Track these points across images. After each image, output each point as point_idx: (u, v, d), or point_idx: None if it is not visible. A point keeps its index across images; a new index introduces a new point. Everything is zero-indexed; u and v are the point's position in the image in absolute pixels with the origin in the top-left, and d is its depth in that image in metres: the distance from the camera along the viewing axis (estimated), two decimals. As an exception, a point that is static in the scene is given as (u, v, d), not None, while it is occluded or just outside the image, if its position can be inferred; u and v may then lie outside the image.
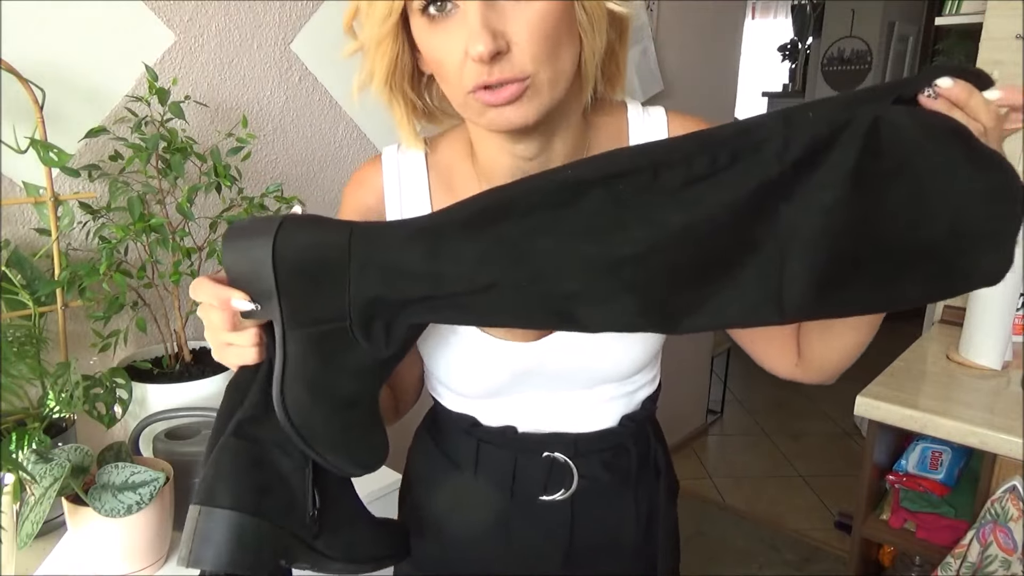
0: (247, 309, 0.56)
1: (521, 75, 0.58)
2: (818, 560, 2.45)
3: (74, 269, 1.05)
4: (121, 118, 1.17)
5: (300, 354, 0.57)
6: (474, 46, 0.56)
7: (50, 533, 1.02)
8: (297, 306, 0.56)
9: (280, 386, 0.57)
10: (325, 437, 0.59)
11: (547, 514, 0.78)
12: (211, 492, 0.57)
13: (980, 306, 1.54)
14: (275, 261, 0.55)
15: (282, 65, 1.41)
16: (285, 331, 0.56)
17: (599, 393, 0.76)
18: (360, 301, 0.56)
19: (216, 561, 0.56)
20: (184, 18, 1.25)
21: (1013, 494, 1.31)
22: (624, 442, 0.79)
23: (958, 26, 2.03)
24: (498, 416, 0.77)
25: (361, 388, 0.61)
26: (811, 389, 3.88)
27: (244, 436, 0.59)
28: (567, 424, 0.77)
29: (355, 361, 0.59)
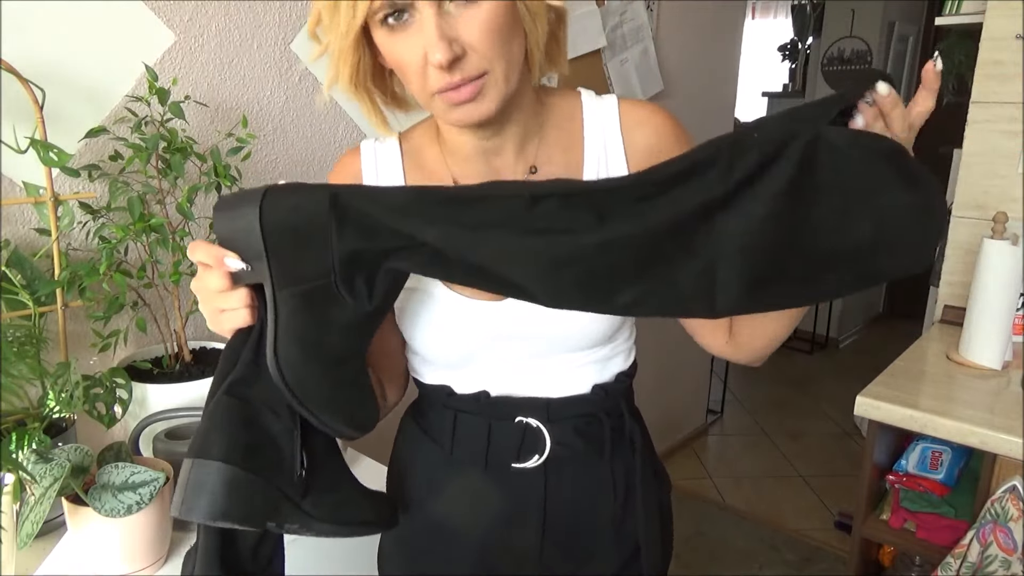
0: (238, 268, 0.59)
1: (478, 73, 0.64)
2: (818, 560, 2.45)
3: (74, 269, 1.05)
4: (121, 118, 1.17)
5: (290, 312, 0.60)
6: (433, 55, 0.62)
7: (50, 533, 1.02)
8: (285, 266, 0.60)
9: (273, 344, 0.60)
10: (317, 395, 0.62)
11: (521, 482, 0.80)
12: (205, 445, 0.59)
13: (980, 306, 1.54)
14: (262, 224, 0.59)
15: (282, 65, 1.41)
16: (275, 290, 0.60)
17: (569, 359, 0.79)
18: (342, 257, 0.60)
19: (209, 510, 0.58)
20: (184, 18, 1.25)
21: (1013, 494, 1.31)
22: (596, 411, 0.81)
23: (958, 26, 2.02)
24: (471, 383, 0.80)
25: (349, 345, 0.64)
26: (811, 389, 3.88)
27: (236, 395, 0.61)
28: (539, 388, 0.79)
29: (342, 316, 0.62)
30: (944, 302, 1.91)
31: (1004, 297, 1.51)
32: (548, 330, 0.76)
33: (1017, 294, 1.52)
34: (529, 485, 0.80)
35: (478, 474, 0.81)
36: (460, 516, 0.83)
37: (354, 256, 0.60)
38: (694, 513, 2.68)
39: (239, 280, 0.61)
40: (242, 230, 0.59)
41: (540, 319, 0.75)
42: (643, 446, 0.86)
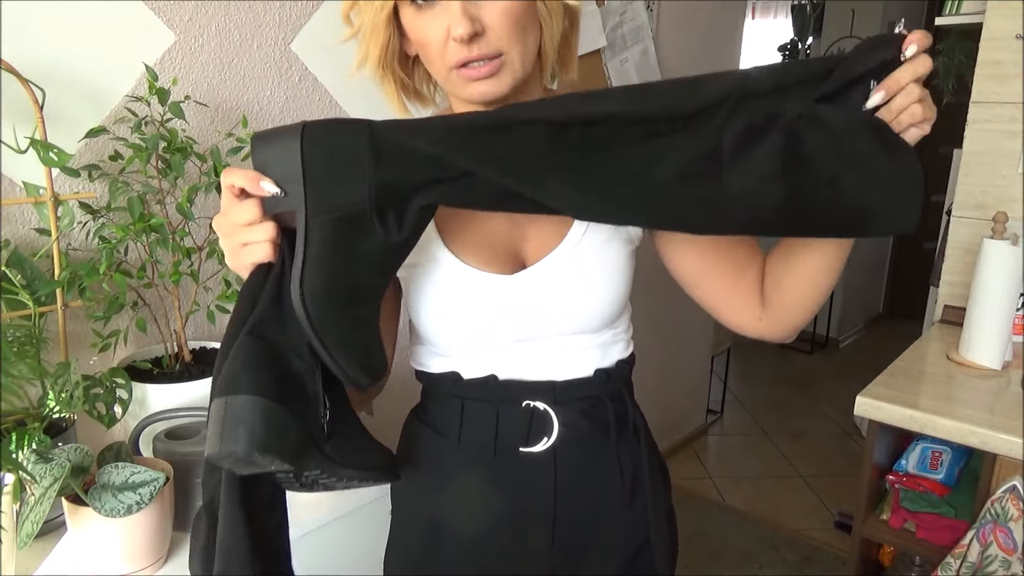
0: (273, 191, 0.61)
1: (495, 52, 0.70)
2: (818, 560, 2.45)
3: (74, 269, 1.05)
4: (121, 118, 1.17)
5: (320, 240, 0.61)
6: (456, 28, 0.68)
7: (50, 533, 1.02)
8: (320, 192, 0.61)
9: (300, 274, 0.61)
10: (336, 333, 0.63)
11: (531, 468, 0.81)
12: (235, 382, 0.58)
13: (980, 306, 1.54)
14: (303, 151, 0.60)
15: (282, 65, 1.41)
16: (308, 217, 0.61)
17: (573, 342, 0.82)
18: (377, 185, 0.62)
19: (248, 442, 0.56)
20: (184, 18, 1.25)
21: (1013, 494, 1.31)
22: (599, 394, 0.83)
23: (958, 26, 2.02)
24: (478, 367, 0.81)
25: (372, 280, 0.66)
26: (811, 389, 3.88)
27: (258, 336, 0.61)
28: (544, 372, 0.81)
29: (370, 247, 0.64)
30: (944, 302, 1.91)
31: (1004, 297, 1.51)
32: (554, 307, 0.79)
33: (1017, 294, 1.52)
34: (539, 470, 0.81)
35: (487, 461, 0.82)
36: (471, 506, 0.83)
37: (388, 186, 0.62)
38: (694, 513, 2.68)
39: (269, 210, 0.62)
40: (280, 157, 0.61)
41: (547, 295, 0.78)
42: (646, 436, 0.88)
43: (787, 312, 0.79)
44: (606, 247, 0.80)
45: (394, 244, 0.65)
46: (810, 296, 0.77)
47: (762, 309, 0.81)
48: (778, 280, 0.78)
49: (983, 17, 1.77)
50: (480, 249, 0.79)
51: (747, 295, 0.81)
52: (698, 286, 0.84)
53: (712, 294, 0.83)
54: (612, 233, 0.81)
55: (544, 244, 0.80)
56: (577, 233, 0.79)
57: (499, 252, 0.79)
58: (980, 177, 1.82)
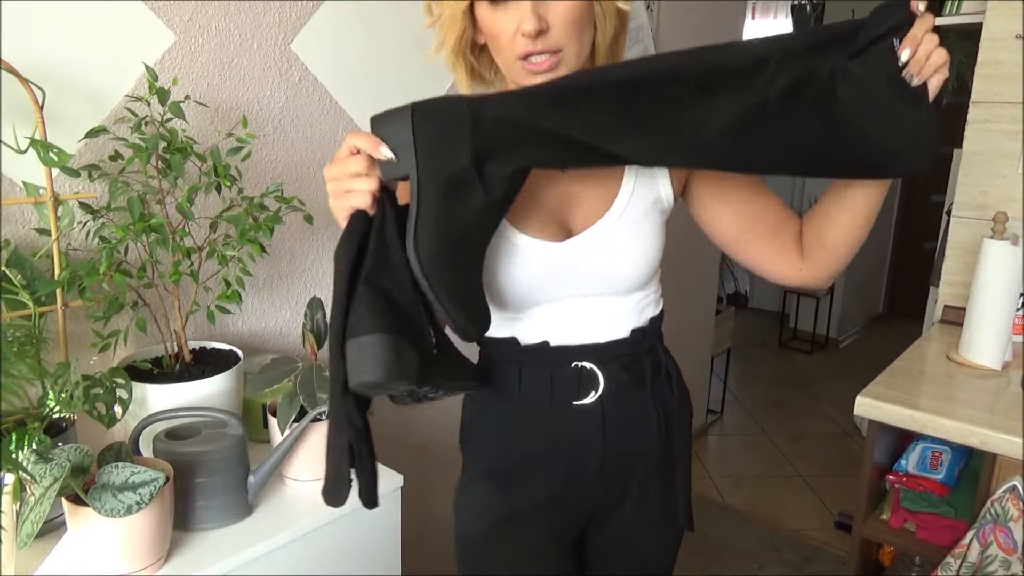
0: (389, 156, 0.72)
1: (556, 47, 0.82)
2: (818, 560, 2.45)
3: (74, 269, 1.05)
4: (121, 118, 1.17)
5: (430, 196, 0.72)
6: (525, 24, 0.80)
7: (50, 533, 1.01)
8: (429, 158, 0.72)
9: (416, 225, 0.72)
10: (446, 281, 0.74)
11: (583, 417, 0.95)
12: (362, 324, 0.70)
13: (980, 306, 1.54)
14: (413, 123, 0.72)
15: (282, 65, 1.41)
16: (420, 178, 0.72)
17: (613, 304, 0.94)
18: (477, 150, 0.73)
19: (384, 372, 0.69)
20: (184, 18, 1.25)
21: (1013, 494, 1.31)
22: (636, 351, 0.97)
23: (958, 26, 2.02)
24: (534, 332, 0.94)
25: (475, 232, 0.77)
26: (811, 389, 3.88)
27: (372, 285, 0.72)
28: (589, 335, 0.94)
29: (472, 205, 0.75)
30: (944, 302, 1.91)
31: (1004, 297, 1.51)
32: (598, 269, 0.91)
33: (1017, 294, 1.52)
34: (589, 417, 0.95)
35: (546, 412, 0.95)
36: (536, 448, 0.96)
37: (486, 151, 0.73)
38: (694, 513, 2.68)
39: (386, 176, 0.73)
40: (395, 130, 0.72)
41: (593, 259, 0.91)
42: (677, 380, 1.02)
43: (828, 258, 0.91)
44: (646, 216, 0.93)
45: (493, 202, 0.76)
46: (847, 241, 0.89)
47: (802, 260, 0.93)
48: (820, 230, 0.90)
49: (983, 17, 1.77)
50: (533, 219, 0.90)
51: (785, 250, 0.93)
52: (738, 247, 0.96)
53: (752, 253, 0.95)
54: (651, 204, 0.93)
55: (591, 214, 0.91)
56: (620, 205, 0.91)
57: (550, 222, 0.91)
58: (980, 177, 1.82)
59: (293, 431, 1.10)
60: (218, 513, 1.06)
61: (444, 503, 1.89)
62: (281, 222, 1.20)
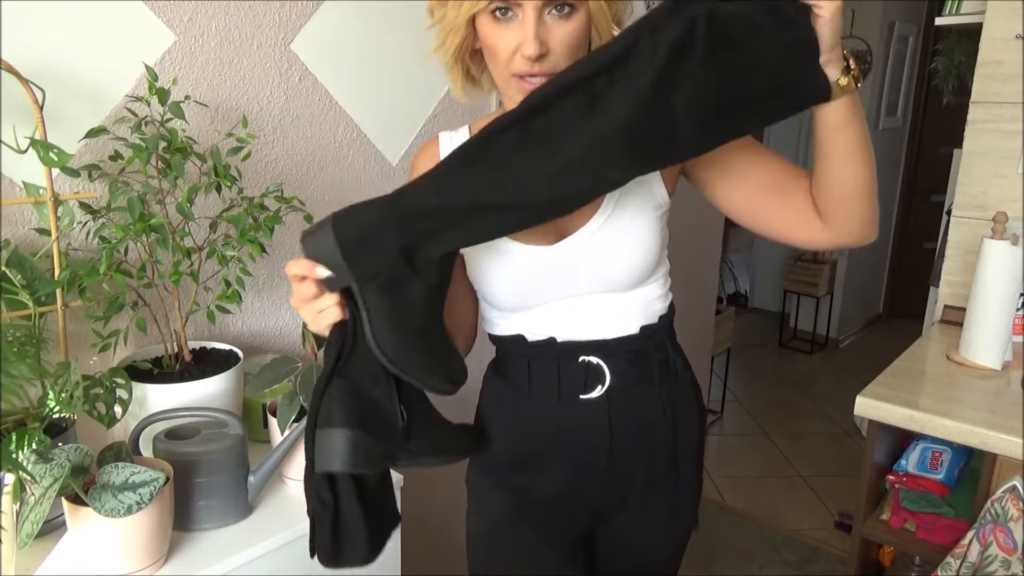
0: (326, 275, 0.76)
1: (552, 71, 0.82)
2: (818, 560, 2.45)
3: (74, 269, 1.05)
4: (121, 118, 1.17)
5: (375, 301, 0.77)
6: (527, 48, 0.80)
7: (50, 533, 1.01)
8: (361, 267, 0.75)
9: (371, 331, 0.78)
10: (416, 362, 0.80)
11: (590, 410, 0.97)
12: (329, 417, 0.77)
13: (980, 306, 1.54)
14: (337, 239, 0.74)
15: (282, 65, 1.41)
16: (360, 287, 0.76)
17: (616, 302, 0.96)
18: (404, 246, 0.76)
19: (340, 464, 0.77)
20: (184, 18, 1.25)
21: (1013, 494, 1.31)
22: (644, 347, 0.98)
23: (958, 26, 2.02)
24: (540, 328, 0.97)
25: (427, 315, 0.81)
26: (811, 389, 3.88)
27: (344, 376, 0.79)
28: (596, 331, 0.96)
29: (416, 294, 0.78)
30: (944, 302, 1.91)
31: (1004, 297, 1.51)
32: (593, 267, 0.93)
33: (1017, 294, 1.52)
34: (596, 410, 0.97)
35: (554, 404, 0.98)
36: (544, 438, 0.99)
37: (411, 243, 0.76)
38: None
39: (330, 286, 0.77)
40: (323, 249, 0.75)
41: (586, 258, 0.92)
42: (687, 378, 1.03)
43: (843, 214, 0.86)
44: (638, 214, 0.93)
45: (432, 285, 0.79)
46: (848, 191, 0.83)
47: (821, 221, 0.88)
48: (820, 189, 0.86)
49: (983, 17, 1.77)
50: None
51: (801, 213, 0.89)
52: (755, 218, 0.93)
53: (771, 221, 0.92)
54: (642, 202, 0.94)
55: (580, 215, 0.91)
56: (609, 205, 0.92)
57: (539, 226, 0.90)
58: (980, 177, 1.82)
59: (293, 431, 1.10)
60: (218, 513, 1.06)
61: (444, 503, 1.89)
62: (281, 222, 1.20)
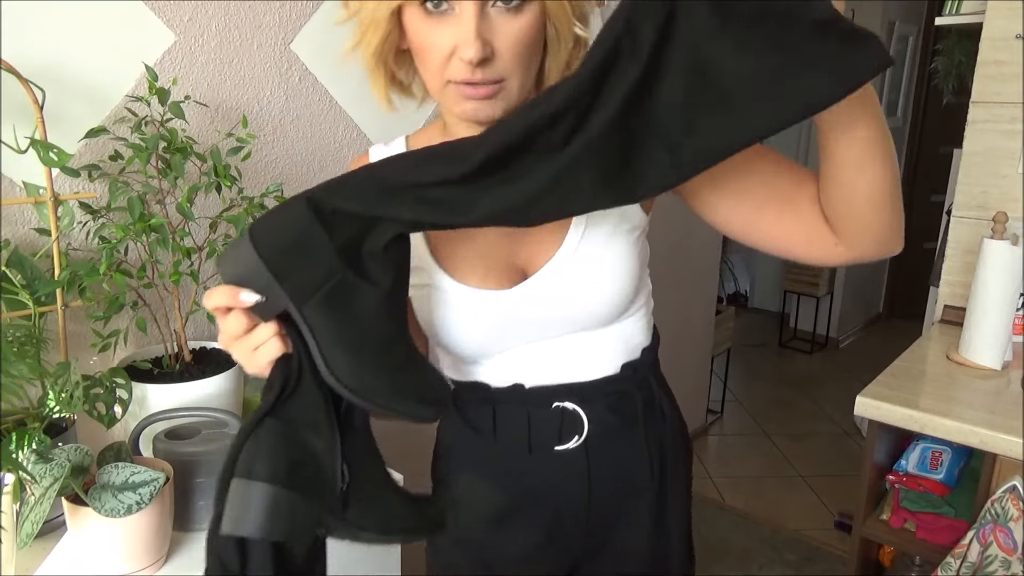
0: (254, 300, 0.62)
1: (499, 78, 0.68)
2: (818, 560, 2.45)
3: (74, 269, 1.05)
4: (121, 118, 1.17)
5: (322, 321, 0.63)
6: (466, 50, 0.65)
7: (50, 533, 1.01)
8: (296, 281, 0.62)
9: (324, 360, 0.63)
10: (383, 388, 0.65)
11: (565, 463, 0.84)
12: (251, 467, 0.61)
13: (980, 306, 1.54)
14: (260, 254, 0.61)
15: (282, 65, 1.41)
16: (299, 308, 0.62)
17: (592, 339, 0.83)
18: (340, 247, 0.62)
19: (254, 528, 0.60)
20: (184, 18, 1.25)
21: (1013, 494, 1.31)
22: (627, 388, 0.85)
23: (958, 26, 2.02)
24: (504, 375, 0.83)
25: (387, 328, 0.66)
26: (811, 389, 3.88)
27: (279, 417, 0.63)
28: (570, 374, 0.83)
29: (368, 303, 0.64)
30: (944, 302, 1.91)
31: (1004, 297, 1.51)
32: (562, 311, 0.79)
33: (1017, 294, 1.52)
34: (573, 463, 0.84)
35: (524, 457, 0.85)
36: (513, 494, 0.86)
37: (347, 245, 0.63)
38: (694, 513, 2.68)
39: (263, 314, 0.63)
40: (245, 267, 0.62)
41: (552, 301, 0.79)
42: (672, 415, 0.91)
43: (855, 227, 0.69)
44: (611, 240, 0.78)
45: (387, 288, 0.65)
46: (862, 201, 0.66)
47: (834, 235, 0.71)
48: (827, 198, 0.69)
49: (983, 17, 1.77)
50: (476, 266, 0.79)
51: (810, 225, 0.72)
52: (756, 235, 0.75)
53: (774, 238, 0.74)
54: (614, 227, 0.79)
55: (542, 251, 0.78)
56: (576, 235, 0.78)
57: (496, 266, 0.79)
58: (980, 177, 1.82)
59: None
60: (218, 513, 1.06)
61: (444, 503, 1.90)
62: (281, 222, 1.20)
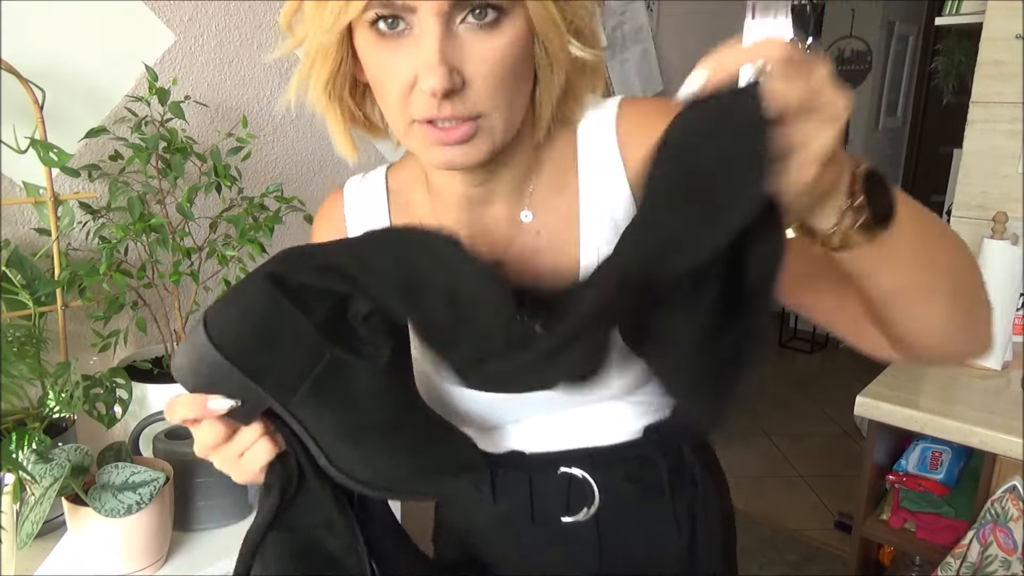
0: (227, 406, 0.51)
1: (473, 114, 0.54)
2: (818, 560, 2.45)
3: (74, 269, 1.05)
4: (121, 118, 1.17)
5: (314, 413, 0.53)
6: (427, 79, 0.51)
7: (50, 533, 1.01)
8: (276, 376, 0.51)
9: (324, 456, 0.54)
10: (403, 472, 0.56)
11: (573, 537, 0.70)
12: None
13: (980, 306, 1.54)
14: (223, 352, 0.50)
15: (282, 65, 1.41)
16: (284, 405, 0.52)
17: (608, 407, 0.68)
18: (320, 324, 0.51)
19: None
20: (184, 18, 1.25)
21: (1013, 494, 1.31)
22: (649, 453, 0.69)
23: (958, 26, 2.02)
24: (503, 442, 0.71)
25: (393, 403, 0.55)
26: (812, 389, 3.88)
27: (285, 527, 0.55)
28: (580, 439, 0.69)
29: (366, 384, 0.53)
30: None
31: (1004, 297, 1.51)
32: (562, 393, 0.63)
33: (1017, 294, 1.52)
34: (582, 537, 0.70)
35: (526, 527, 0.71)
36: (512, 567, 0.74)
37: (331, 314, 0.52)
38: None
39: (241, 418, 0.53)
40: (209, 369, 0.50)
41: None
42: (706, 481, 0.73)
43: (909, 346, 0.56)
44: None
45: (385, 358, 0.54)
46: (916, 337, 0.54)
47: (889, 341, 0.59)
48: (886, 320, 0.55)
49: (983, 17, 1.77)
50: None
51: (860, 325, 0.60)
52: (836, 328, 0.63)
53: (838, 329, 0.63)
54: None
55: None
56: None
57: None
58: (980, 177, 1.82)
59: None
60: (218, 513, 1.06)
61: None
62: (281, 222, 1.20)
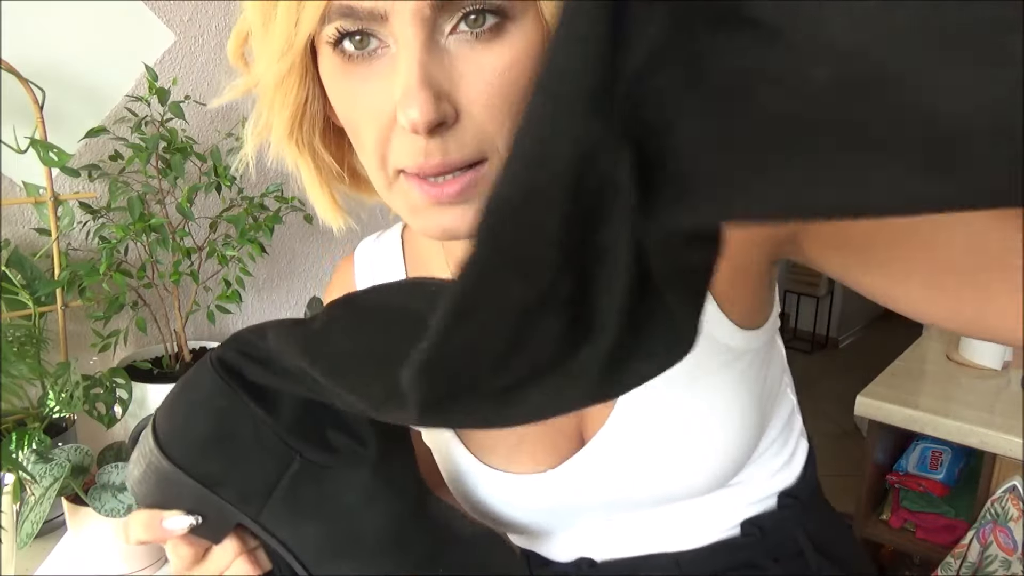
0: (187, 525, 0.44)
1: (473, 158, 0.39)
2: (818, 560, 2.45)
3: (74, 269, 1.05)
4: (121, 118, 1.17)
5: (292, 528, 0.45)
6: (406, 109, 0.36)
7: (50, 533, 1.01)
8: (239, 486, 0.44)
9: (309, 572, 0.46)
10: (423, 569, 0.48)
11: None
12: None
13: (980, 306, 1.54)
14: (171, 458, 0.44)
15: (282, 65, 1.41)
16: (254, 518, 0.45)
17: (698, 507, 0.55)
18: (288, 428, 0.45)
19: None
20: (184, 18, 1.25)
21: (1013, 494, 1.31)
22: (753, 557, 0.56)
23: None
24: (567, 549, 0.59)
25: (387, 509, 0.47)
26: (812, 389, 3.88)
27: None
28: (661, 543, 0.56)
29: (348, 485, 0.46)
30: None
31: (1004, 297, 1.51)
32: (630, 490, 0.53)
33: (1017, 294, 1.52)
34: None
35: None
36: None
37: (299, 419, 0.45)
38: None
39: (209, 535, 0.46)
40: (158, 478, 0.44)
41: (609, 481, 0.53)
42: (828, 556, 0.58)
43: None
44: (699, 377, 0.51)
45: (376, 461, 0.46)
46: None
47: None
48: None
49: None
50: (500, 441, 0.55)
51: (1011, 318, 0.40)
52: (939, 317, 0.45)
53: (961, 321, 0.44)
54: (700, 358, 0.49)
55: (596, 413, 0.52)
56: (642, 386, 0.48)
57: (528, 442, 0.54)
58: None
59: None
60: (218, 513, 1.06)
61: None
62: (281, 222, 1.20)
